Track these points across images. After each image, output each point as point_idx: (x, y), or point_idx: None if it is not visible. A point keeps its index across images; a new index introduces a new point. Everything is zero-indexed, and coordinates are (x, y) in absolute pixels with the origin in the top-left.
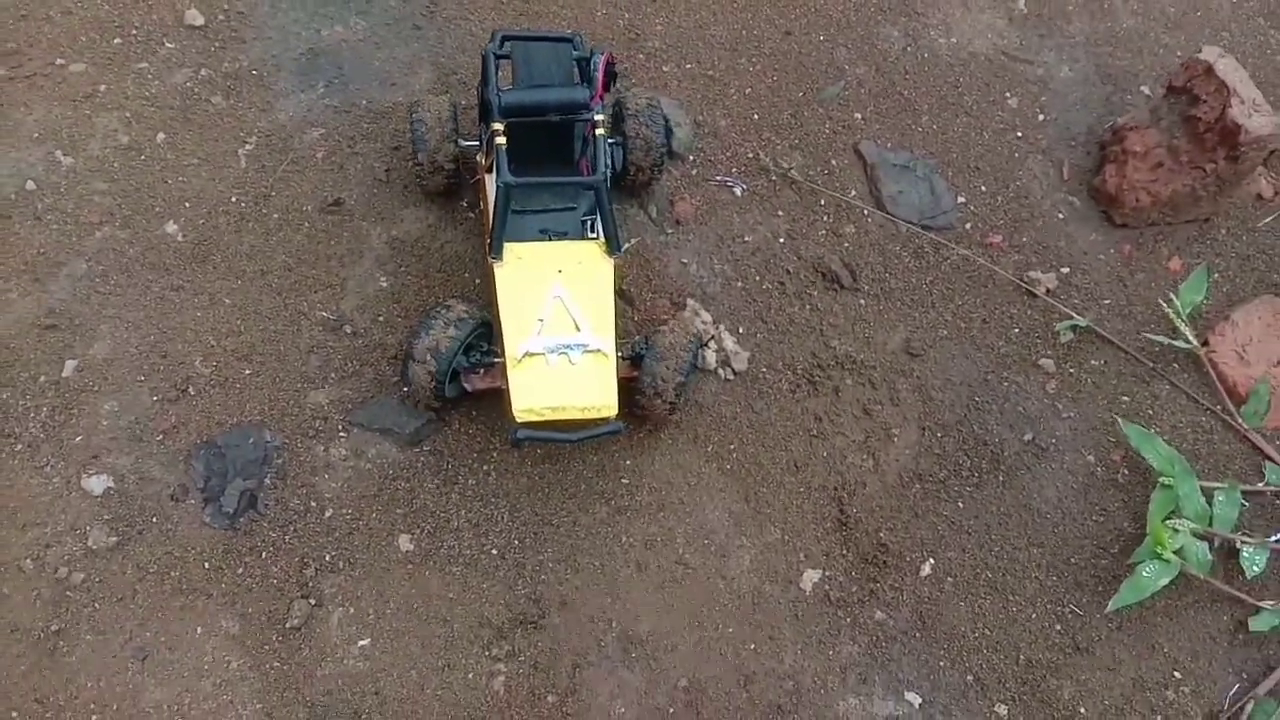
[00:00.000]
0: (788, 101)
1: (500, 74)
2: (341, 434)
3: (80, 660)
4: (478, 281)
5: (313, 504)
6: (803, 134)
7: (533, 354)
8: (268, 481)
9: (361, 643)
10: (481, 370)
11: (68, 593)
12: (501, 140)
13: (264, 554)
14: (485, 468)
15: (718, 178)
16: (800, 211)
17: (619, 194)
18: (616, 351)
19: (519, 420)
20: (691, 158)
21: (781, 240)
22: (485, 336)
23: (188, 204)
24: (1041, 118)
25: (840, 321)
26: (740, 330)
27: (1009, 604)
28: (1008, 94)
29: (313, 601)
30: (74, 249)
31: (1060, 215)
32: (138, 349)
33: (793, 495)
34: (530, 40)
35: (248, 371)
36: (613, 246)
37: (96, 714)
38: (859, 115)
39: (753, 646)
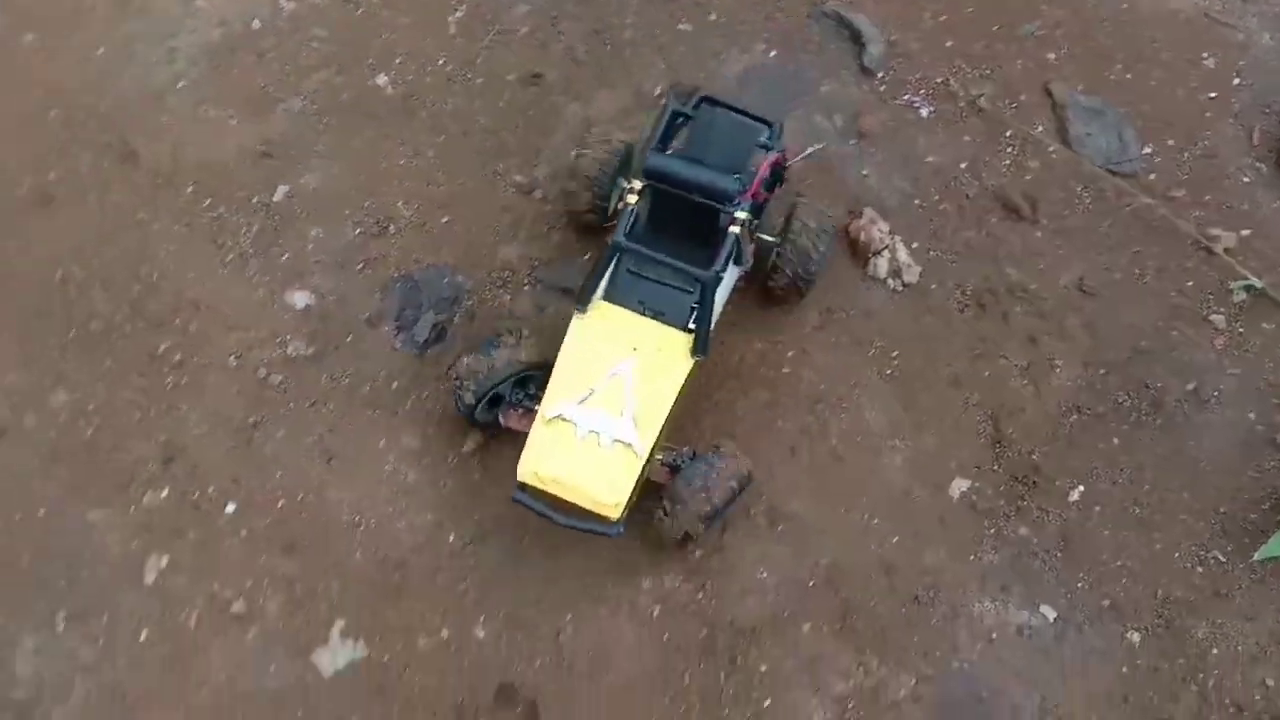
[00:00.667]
0: (982, 33)
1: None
2: (526, 287)
3: (273, 453)
4: None
5: None
6: (995, 65)
7: (565, 420)
8: (457, 319)
9: None
10: (520, 410)
11: (266, 392)
12: (632, 199)
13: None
14: None
15: (906, 97)
16: (985, 140)
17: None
18: (657, 456)
19: (519, 480)
20: (881, 74)
21: (964, 165)
22: (539, 380)
23: (399, 60)
24: (1237, 81)
25: (1016, 251)
26: (914, 245)
27: (1153, 540)
28: (1205, 55)
29: (488, 433)
30: (292, 88)
31: (1246, 179)
32: (345, 185)
33: (950, 408)
34: (728, 109)
35: (445, 219)
36: (699, 347)
37: (284, 499)
38: (1052, 55)
39: (896, 540)
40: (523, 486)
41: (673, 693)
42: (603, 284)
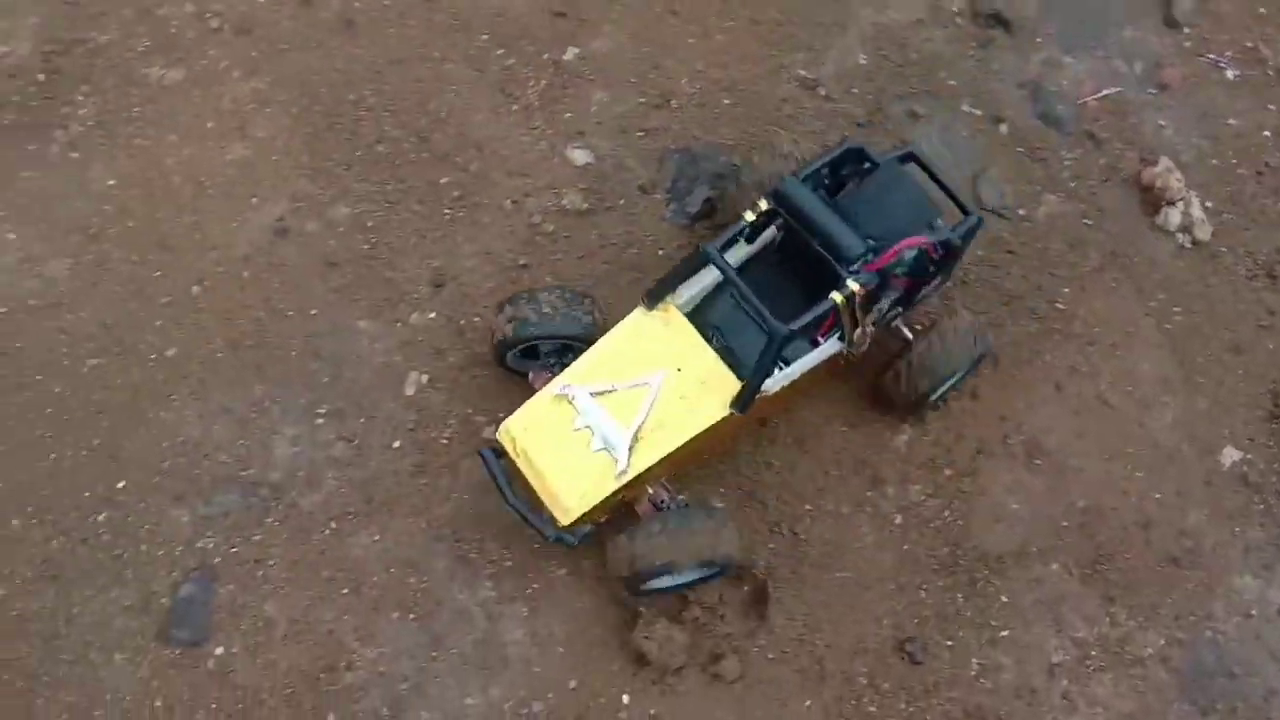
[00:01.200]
0: None
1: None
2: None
3: None
4: (951, 82)
5: None
6: None
7: (571, 403)
8: (728, 197)
9: None
10: (550, 375)
11: (537, 237)
12: (749, 216)
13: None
14: None
15: (1211, 56)
16: None
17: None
18: (649, 488)
19: (496, 435)
20: (1188, 29)
21: (1266, 134)
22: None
23: None
24: None
25: None
26: (1207, 205)
27: None
28: None
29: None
30: None
31: None
32: (632, 55)
33: (1229, 373)
34: (930, 176)
35: (726, 101)
36: (740, 403)
37: None
38: None
39: (1158, 496)
40: (499, 452)
41: (907, 602)
42: (689, 291)
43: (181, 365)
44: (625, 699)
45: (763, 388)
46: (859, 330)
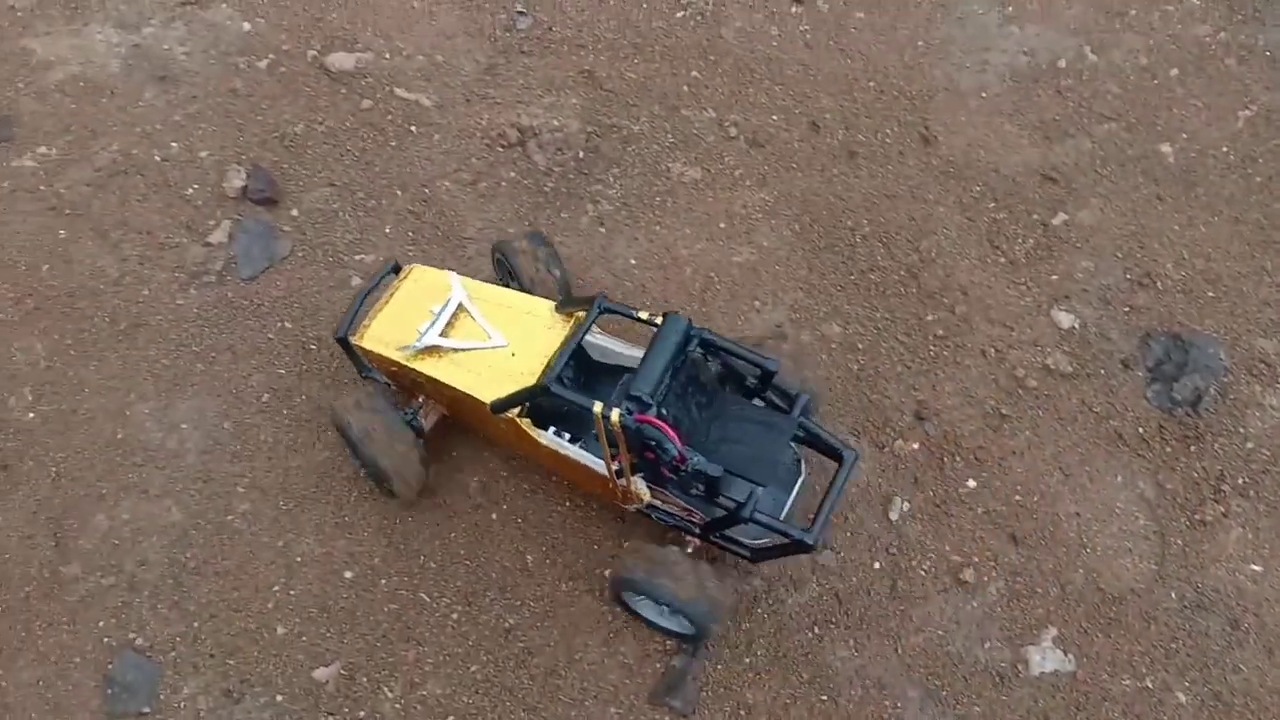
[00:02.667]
0: None
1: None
2: (1278, 385)
3: (1013, 448)
4: None
5: (1240, 430)
6: None
7: (451, 294)
8: (1213, 391)
9: (1253, 566)
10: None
11: (1019, 391)
12: (644, 315)
13: (1192, 448)
14: None
15: None
16: None
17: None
18: (419, 399)
19: (412, 265)
20: None
21: None
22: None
23: (1184, 135)
24: None
25: None
26: None
27: None
28: None
29: (1222, 510)
30: (1083, 128)
31: None
32: (1120, 231)
33: None
34: (815, 444)
35: (1210, 294)
36: (495, 405)
37: (1020, 495)
38: None
39: None
40: (398, 268)
41: None
42: (610, 343)
43: None
44: None
45: (534, 431)
46: (623, 475)
